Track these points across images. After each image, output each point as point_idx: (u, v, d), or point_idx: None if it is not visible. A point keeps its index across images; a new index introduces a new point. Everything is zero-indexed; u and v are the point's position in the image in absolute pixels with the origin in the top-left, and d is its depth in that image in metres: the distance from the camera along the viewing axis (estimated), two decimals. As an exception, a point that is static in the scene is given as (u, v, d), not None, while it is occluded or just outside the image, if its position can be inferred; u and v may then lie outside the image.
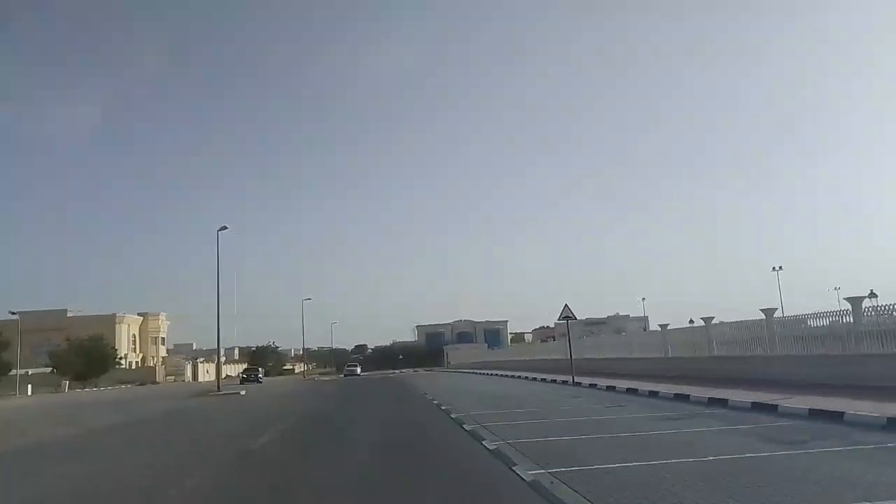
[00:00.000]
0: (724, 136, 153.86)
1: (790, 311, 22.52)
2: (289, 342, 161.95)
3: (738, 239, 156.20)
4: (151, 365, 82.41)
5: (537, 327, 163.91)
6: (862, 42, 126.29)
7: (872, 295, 29.31)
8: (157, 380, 74.80)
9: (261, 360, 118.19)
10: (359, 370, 67.35)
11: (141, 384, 70.14)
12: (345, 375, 65.07)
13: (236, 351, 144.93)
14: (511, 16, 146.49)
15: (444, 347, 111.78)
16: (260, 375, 55.53)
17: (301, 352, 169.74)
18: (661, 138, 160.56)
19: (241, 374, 57.28)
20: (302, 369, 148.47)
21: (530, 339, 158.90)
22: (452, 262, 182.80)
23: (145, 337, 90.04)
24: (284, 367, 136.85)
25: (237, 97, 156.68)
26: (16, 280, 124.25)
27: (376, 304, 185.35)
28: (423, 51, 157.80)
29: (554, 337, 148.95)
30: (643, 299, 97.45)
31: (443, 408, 17.51)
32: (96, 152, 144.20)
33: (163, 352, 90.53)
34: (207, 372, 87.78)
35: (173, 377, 75.80)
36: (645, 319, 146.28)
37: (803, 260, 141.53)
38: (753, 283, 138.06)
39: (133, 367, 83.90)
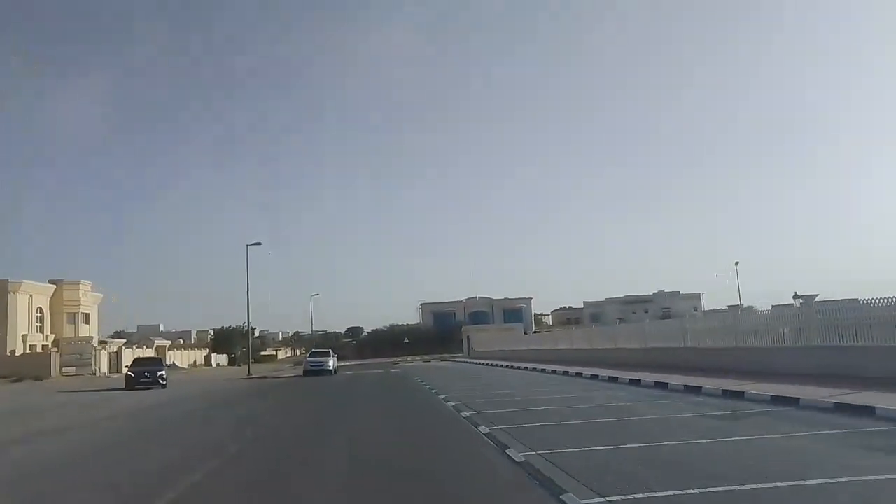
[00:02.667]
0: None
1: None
2: (282, 325, 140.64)
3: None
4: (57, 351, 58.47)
5: (557, 308, 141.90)
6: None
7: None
8: (52, 373, 51.14)
9: (227, 345, 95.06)
10: (332, 363, 39.41)
11: (17, 380, 46.57)
12: (306, 373, 38.47)
13: (210, 334, 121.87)
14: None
15: (464, 328, 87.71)
16: (161, 372, 31.16)
17: (290, 336, 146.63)
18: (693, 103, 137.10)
19: (126, 373, 32.70)
20: (287, 355, 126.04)
21: (550, 322, 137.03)
22: (461, 234, 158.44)
23: (58, 312, 66.40)
24: (264, 353, 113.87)
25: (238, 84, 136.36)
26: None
27: (373, 282, 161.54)
28: (432, 37, 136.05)
29: (579, 319, 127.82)
30: (737, 263, 72.12)
31: None
32: (97, 143, 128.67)
33: (83, 332, 66.78)
34: (139, 360, 64.32)
35: (73, 368, 52.16)
36: (698, 297, 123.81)
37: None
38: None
39: (37, 351, 60.29)
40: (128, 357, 61.99)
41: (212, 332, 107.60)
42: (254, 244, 44.71)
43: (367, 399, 19.47)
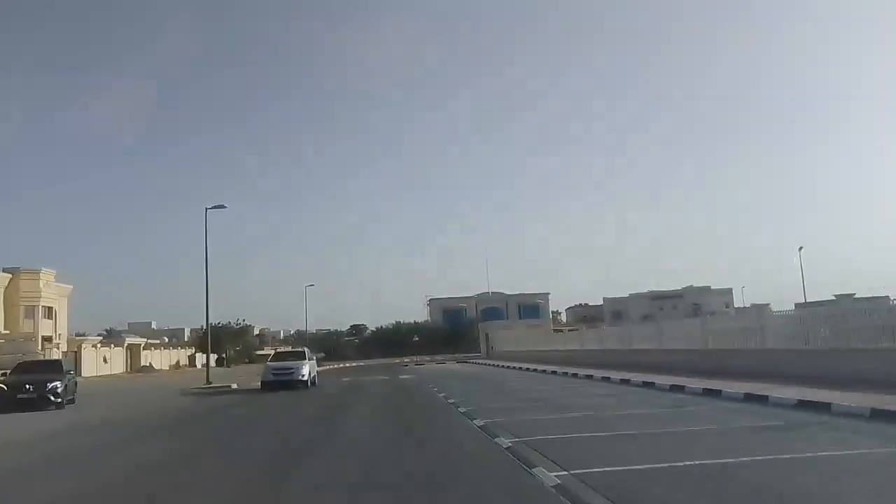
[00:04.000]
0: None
1: None
2: (284, 323, 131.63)
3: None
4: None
5: (571, 305, 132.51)
6: None
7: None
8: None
9: (216, 343, 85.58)
10: (306, 370, 26.64)
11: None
12: (265, 385, 25.94)
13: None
14: None
15: (482, 325, 78.52)
16: (53, 385, 20.20)
17: (292, 334, 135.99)
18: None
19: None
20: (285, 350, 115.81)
21: (564, 320, 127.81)
22: (469, 226, 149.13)
23: (15, 305, 57.79)
24: (260, 353, 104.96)
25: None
26: None
27: (377, 277, 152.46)
28: (439, 22, 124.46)
29: (595, 317, 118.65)
30: (801, 249, 62.59)
31: None
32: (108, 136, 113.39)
33: (47, 328, 58.14)
34: (105, 360, 55.56)
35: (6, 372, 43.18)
36: (729, 293, 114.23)
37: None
38: None
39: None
40: (89, 358, 53.53)
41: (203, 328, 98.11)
42: (215, 207, 34.59)
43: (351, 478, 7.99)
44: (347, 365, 64.64)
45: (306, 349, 31.11)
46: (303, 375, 25.92)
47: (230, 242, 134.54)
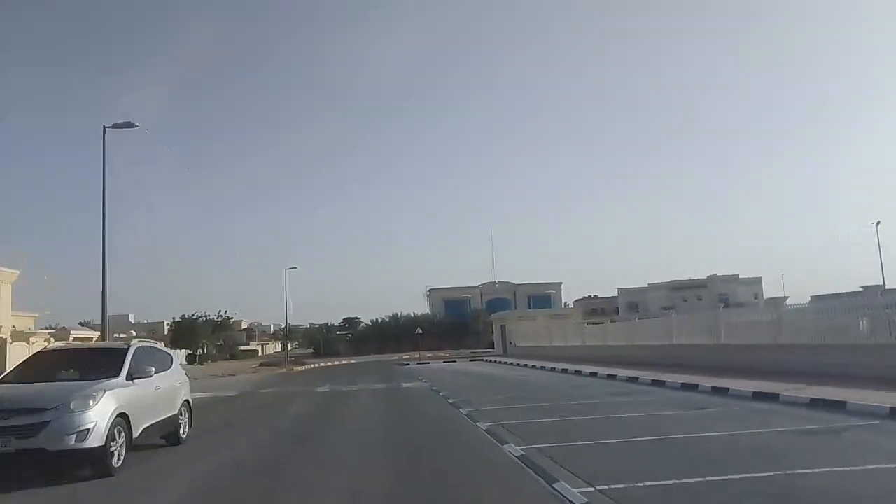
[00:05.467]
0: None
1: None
2: (274, 319, 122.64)
3: None
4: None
5: (579, 298, 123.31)
6: None
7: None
8: None
9: (190, 337, 75.85)
10: (97, 416, 7.84)
11: None
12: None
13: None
14: None
15: (495, 317, 68.75)
16: None
17: (282, 328, 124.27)
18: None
19: None
20: (275, 350, 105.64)
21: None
22: (470, 214, 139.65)
23: (-60, 293, 48.23)
24: (244, 348, 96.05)
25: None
26: None
27: (372, 266, 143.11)
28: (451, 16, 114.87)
29: (605, 309, 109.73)
30: (877, 224, 52.94)
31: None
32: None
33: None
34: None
35: None
36: (758, 282, 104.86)
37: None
38: None
39: None
40: (19, 354, 43.96)
41: (167, 322, 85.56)
42: (118, 126, 21.62)
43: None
44: (337, 363, 55.56)
45: (136, 344, 10.17)
46: (81, 428, 7.73)
47: (227, 239, 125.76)
